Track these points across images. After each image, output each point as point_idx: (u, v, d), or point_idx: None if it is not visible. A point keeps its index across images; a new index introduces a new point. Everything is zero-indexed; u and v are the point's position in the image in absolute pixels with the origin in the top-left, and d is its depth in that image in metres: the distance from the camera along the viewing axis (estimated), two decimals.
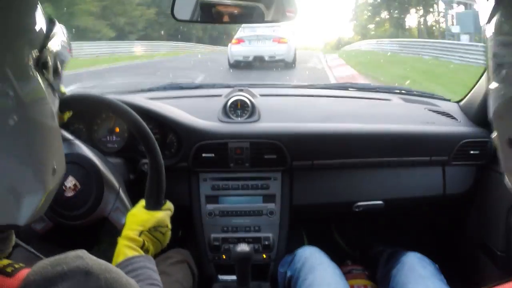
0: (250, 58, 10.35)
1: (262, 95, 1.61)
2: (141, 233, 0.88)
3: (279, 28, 10.74)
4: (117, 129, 1.39)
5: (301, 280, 1.15)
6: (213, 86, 1.81)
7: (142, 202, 0.94)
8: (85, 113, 1.35)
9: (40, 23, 0.50)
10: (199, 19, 1.08)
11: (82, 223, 1.02)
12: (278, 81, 6.43)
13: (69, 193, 0.99)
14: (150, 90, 1.76)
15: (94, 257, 0.49)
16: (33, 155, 0.48)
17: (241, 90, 1.56)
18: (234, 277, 1.29)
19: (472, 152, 1.43)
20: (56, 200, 0.97)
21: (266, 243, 1.39)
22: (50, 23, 0.53)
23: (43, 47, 0.49)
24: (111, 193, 1.05)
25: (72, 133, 1.36)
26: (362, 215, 1.49)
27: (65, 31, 0.58)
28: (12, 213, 0.46)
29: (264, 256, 1.41)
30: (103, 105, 0.96)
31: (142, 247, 0.86)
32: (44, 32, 0.51)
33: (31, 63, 0.47)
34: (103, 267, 0.48)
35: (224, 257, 1.39)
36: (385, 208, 1.46)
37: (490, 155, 1.43)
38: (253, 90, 1.60)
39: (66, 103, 0.98)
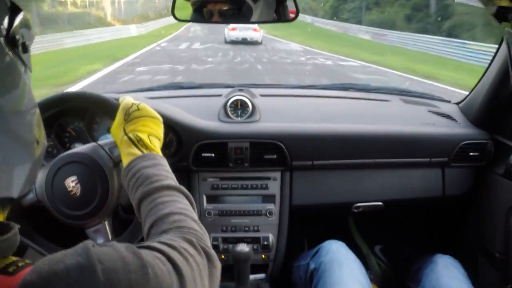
0: (240, 39, 17.88)
1: (262, 95, 1.61)
2: (124, 132, 0.87)
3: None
4: None
5: (328, 273, 1.15)
6: (213, 86, 1.81)
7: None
8: (84, 112, 1.34)
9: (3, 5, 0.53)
10: (200, 19, 1.09)
11: (87, 222, 0.98)
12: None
13: (74, 193, 0.96)
14: (150, 89, 1.76)
15: (97, 248, 0.48)
16: (17, 128, 0.50)
17: (241, 90, 1.56)
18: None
19: (471, 153, 1.43)
20: (61, 200, 0.96)
21: (265, 243, 1.39)
22: (12, 5, 0.55)
23: (11, 25, 0.52)
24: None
25: (72, 131, 1.36)
26: (362, 216, 1.49)
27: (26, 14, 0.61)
28: (6, 186, 0.47)
29: (263, 256, 1.40)
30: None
31: (137, 143, 0.85)
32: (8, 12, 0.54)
33: (1, 39, 0.50)
34: (103, 257, 0.47)
35: (223, 257, 1.39)
36: (384, 209, 1.46)
37: (490, 157, 1.43)
38: (253, 90, 1.61)
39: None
